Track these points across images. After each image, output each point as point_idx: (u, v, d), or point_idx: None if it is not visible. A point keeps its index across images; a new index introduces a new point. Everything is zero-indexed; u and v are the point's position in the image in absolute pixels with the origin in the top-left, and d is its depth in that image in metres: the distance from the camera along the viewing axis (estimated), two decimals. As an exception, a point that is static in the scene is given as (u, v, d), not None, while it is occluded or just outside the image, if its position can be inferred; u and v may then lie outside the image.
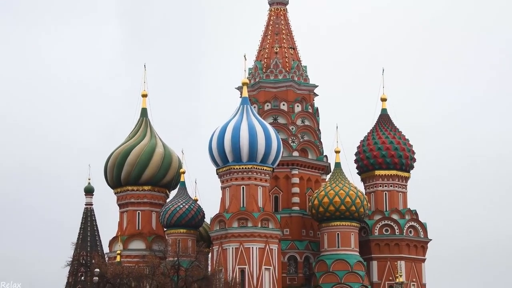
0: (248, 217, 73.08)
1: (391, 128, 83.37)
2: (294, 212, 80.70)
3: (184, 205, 79.03)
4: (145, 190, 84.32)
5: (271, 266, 72.60)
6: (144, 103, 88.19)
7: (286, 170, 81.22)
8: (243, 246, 72.16)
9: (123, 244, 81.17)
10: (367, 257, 78.22)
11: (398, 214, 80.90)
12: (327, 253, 76.59)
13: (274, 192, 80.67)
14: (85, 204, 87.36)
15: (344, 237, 76.67)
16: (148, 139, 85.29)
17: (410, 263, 79.23)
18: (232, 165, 73.84)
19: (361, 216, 77.70)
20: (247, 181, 74.10)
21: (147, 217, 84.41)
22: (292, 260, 79.68)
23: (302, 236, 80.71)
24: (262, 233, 72.86)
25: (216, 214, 75.18)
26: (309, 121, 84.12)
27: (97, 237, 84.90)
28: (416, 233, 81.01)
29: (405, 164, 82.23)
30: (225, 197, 75.20)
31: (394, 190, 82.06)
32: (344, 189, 76.62)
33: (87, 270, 67.55)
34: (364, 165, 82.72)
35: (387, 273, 77.97)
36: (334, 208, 75.85)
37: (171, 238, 78.28)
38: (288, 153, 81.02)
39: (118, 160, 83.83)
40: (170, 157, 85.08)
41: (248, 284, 71.57)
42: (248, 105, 76.24)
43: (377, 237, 79.71)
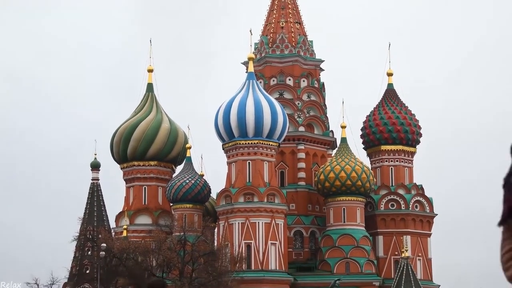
0: (254, 192, 73.20)
1: (397, 103, 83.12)
2: (300, 187, 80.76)
3: (190, 180, 79.13)
4: (151, 165, 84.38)
5: (277, 241, 72.81)
6: (150, 78, 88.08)
7: (292, 145, 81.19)
8: (249, 221, 72.34)
9: (130, 219, 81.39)
10: (373, 232, 78.33)
11: (404, 189, 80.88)
12: (333, 228, 76.73)
13: (280, 167, 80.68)
14: (92, 179, 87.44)
15: (350, 212, 76.79)
16: (154, 114, 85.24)
17: (416, 238, 79.30)
18: (238, 140, 73.85)
19: (367, 191, 77.74)
20: (253, 156, 74.15)
21: (153, 192, 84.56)
22: (298, 235, 79.84)
23: (308, 211, 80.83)
24: (268, 208, 73.02)
25: (222, 189, 75.33)
26: (315, 96, 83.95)
27: (103, 212, 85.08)
28: (422, 208, 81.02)
29: (411, 139, 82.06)
30: (231, 172, 75.29)
31: (400, 165, 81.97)
32: (350, 164, 76.62)
33: (94, 245, 67.76)
34: (370, 140, 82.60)
35: (392, 248, 78.08)
36: (340, 183, 75.88)
37: (177, 213, 78.47)
38: (294, 128, 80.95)
39: (124, 135, 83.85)
40: (176, 132, 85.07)
41: (254, 258, 71.83)
42: (254, 80, 76.11)
43: (383, 212, 79.79)
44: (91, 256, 71.20)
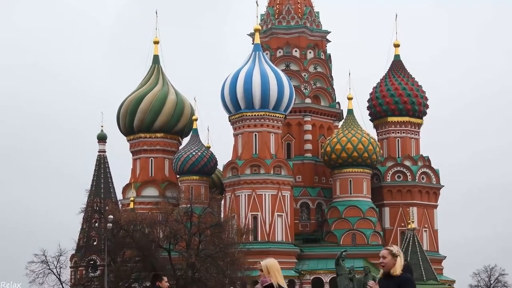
0: (261, 164, 73.23)
1: (404, 74, 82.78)
2: (307, 159, 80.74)
3: (197, 152, 79.16)
4: (158, 137, 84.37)
5: (283, 212, 72.95)
6: (156, 50, 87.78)
7: (298, 117, 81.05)
8: (255, 193, 72.45)
9: (136, 191, 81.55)
10: (379, 204, 78.41)
11: (410, 160, 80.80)
12: (340, 200, 76.82)
13: (287, 139, 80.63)
14: (98, 151, 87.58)
15: (357, 183, 76.82)
16: (161, 86, 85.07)
17: (422, 209, 79.36)
18: (244, 112, 73.76)
19: (374, 163, 77.70)
20: (259, 128, 74.09)
21: (160, 164, 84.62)
22: (304, 207, 79.97)
23: (315, 182, 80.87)
24: (274, 180, 73.09)
25: (228, 161, 75.37)
26: (321, 68, 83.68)
27: (110, 184, 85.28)
28: (428, 180, 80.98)
29: (418, 110, 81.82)
30: (238, 144, 75.29)
31: (406, 136, 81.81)
32: (357, 136, 76.52)
33: (101, 216, 67.92)
34: (377, 111, 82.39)
35: (399, 219, 78.20)
36: (347, 155, 75.84)
37: (184, 185, 78.58)
38: (300, 100, 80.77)
39: (130, 107, 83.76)
40: (182, 104, 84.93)
41: (261, 230, 72.02)
42: (260, 51, 75.83)
43: (390, 184, 79.78)
44: (98, 228, 71.41)
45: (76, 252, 71.63)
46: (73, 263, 71.98)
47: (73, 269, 71.69)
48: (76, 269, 71.55)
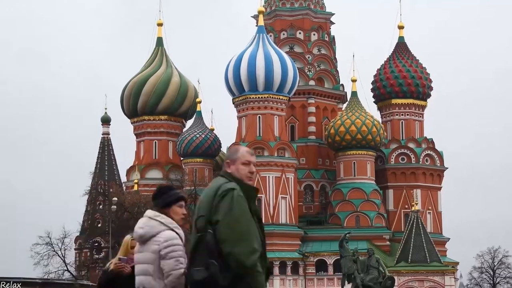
0: (264, 146, 73.25)
1: (408, 56, 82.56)
2: (310, 141, 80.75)
3: (201, 134, 79.21)
4: (162, 120, 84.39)
5: (287, 194, 73.06)
6: (159, 32, 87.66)
7: (302, 99, 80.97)
8: (259, 175, 72.45)
9: (140, 173, 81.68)
10: (383, 186, 78.44)
11: (414, 142, 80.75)
12: (343, 182, 76.87)
13: (290, 121, 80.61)
14: (102, 133, 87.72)
15: (360, 165, 76.84)
16: (164, 69, 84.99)
17: (426, 192, 79.36)
18: (248, 95, 73.71)
19: (377, 145, 77.67)
20: (263, 110, 74.07)
21: (163, 146, 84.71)
22: (308, 189, 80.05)
23: (318, 165, 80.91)
24: (278, 162, 73.15)
25: (232, 144, 75.38)
26: (325, 50, 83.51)
27: (114, 166, 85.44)
28: (432, 162, 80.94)
29: (422, 92, 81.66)
30: (241, 127, 75.30)
31: (410, 118, 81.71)
32: (361, 118, 76.46)
33: (105, 199, 68.05)
34: (381, 93, 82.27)
35: (403, 202, 78.23)
36: (351, 137, 75.81)
37: (188, 167, 78.70)
38: (304, 82, 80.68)
39: (134, 90, 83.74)
40: (186, 86, 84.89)
41: (265, 212, 72.13)
42: (264, 33, 75.67)
43: (393, 166, 79.77)
44: (102, 210, 71.57)
45: (81, 234, 71.87)
46: (77, 245, 72.23)
47: (77, 251, 71.95)
48: (80, 251, 71.81)
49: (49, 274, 55.62)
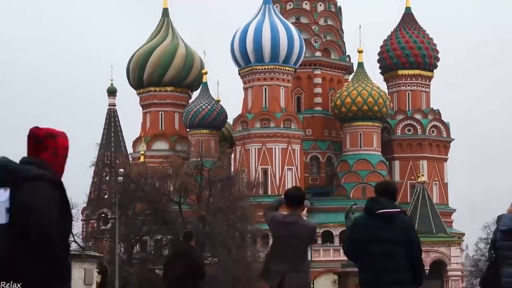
0: (271, 117, 73.19)
1: (415, 27, 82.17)
2: (317, 113, 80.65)
3: (207, 105, 79.12)
4: (168, 91, 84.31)
5: (293, 166, 73.10)
6: (165, 3, 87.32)
7: (308, 70, 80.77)
8: (265, 147, 72.53)
9: (147, 144, 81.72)
10: (389, 157, 78.43)
11: (420, 113, 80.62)
12: (350, 153, 76.87)
13: (297, 92, 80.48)
14: (108, 105, 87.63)
15: (367, 137, 76.79)
16: (170, 40, 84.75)
17: (432, 163, 79.36)
18: (254, 66, 73.55)
19: (384, 116, 77.57)
20: (269, 81, 73.94)
21: (170, 118, 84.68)
22: (314, 160, 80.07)
23: (325, 136, 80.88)
24: (284, 134, 73.14)
25: (238, 115, 75.38)
26: (332, 21, 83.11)
27: (120, 138, 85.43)
28: (438, 133, 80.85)
29: (429, 63, 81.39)
30: (248, 98, 75.20)
31: (417, 89, 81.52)
32: (367, 89, 76.30)
33: (112, 170, 68.02)
34: (387, 64, 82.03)
35: (409, 173, 78.26)
36: (357, 108, 75.70)
37: (194, 138, 78.69)
38: (310, 53, 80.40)
39: (140, 61, 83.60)
40: (192, 57, 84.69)
41: (271, 184, 72.26)
42: (270, 4, 75.32)
43: (400, 137, 79.73)
44: (109, 182, 71.60)
45: (87, 205, 71.99)
46: (84, 216, 72.38)
47: (84, 222, 72.12)
48: (87, 222, 71.95)
49: (56, 245, 55.77)
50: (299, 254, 9.05)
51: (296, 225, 8.96)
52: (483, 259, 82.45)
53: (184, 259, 12.25)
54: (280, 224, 9.03)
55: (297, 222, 9.01)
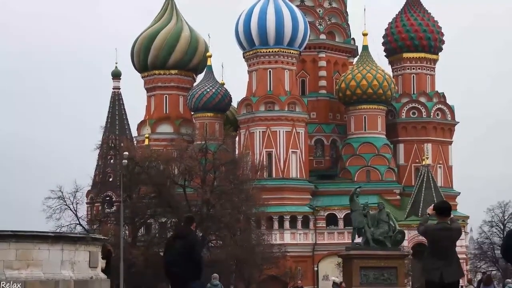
0: (275, 100, 73.16)
1: (420, 9, 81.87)
2: (321, 96, 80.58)
3: (211, 89, 79.05)
4: (172, 74, 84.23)
5: (298, 149, 73.14)
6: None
7: (313, 53, 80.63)
8: (270, 130, 72.54)
9: (151, 128, 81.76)
10: (394, 140, 78.38)
11: (425, 96, 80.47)
12: (354, 136, 76.83)
13: (301, 75, 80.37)
14: (113, 88, 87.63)
15: (371, 120, 76.72)
16: (174, 23, 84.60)
17: (437, 146, 79.30)
18: (258, 49, 73.43)
19: (388, 99, 77.47)
20: (274, 64, 73.84)
21: (174, 101, 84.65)
22: (319, 143, 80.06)
23: (329, 119, 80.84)
24: (289, 117, 73.11)
25: (243, 98, 75.34)
26: (336, 3, 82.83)
27: (125, 121, 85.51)
28: (443, 116, 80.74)
29: (434, 46, 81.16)
30: (252, 81, 75.14)
31: (422, 72, 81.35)
32: (372, 72, 76.15)
33: (116, 153, 68.08)
34: (392, 47, 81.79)
35: (413, 156, 78.20)
36: (361, 91, 75.59)
37: (199, 121, 78.72)
38: (315, 36, 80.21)
39: (144, 44, 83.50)
40: (196, 40, 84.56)
41: (276, 167, 72.33)
42: (275, -13, 75.02)
43: (404, 120, 79.63)
44: (113, 165, 71.69)
45: (92, 188, 72.12)
46: (89, 199, 72.54)
47: (89, 205, 72.28)
48: (92, 205, 72.14)
49: (61, 228, 55.90)
50: (451, 252, 11.40)
51: (448, 230, 11.41)
52: (487, 242, 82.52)
53: (181, 242, 12.28)
54: (435, 231, 11.40)
55: (449, 227, 11.42)
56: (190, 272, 12.24)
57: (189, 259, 12.22)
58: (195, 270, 12.31)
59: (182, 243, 12.28)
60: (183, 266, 12.15)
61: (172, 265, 12.30)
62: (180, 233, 12.81)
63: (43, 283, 18.19)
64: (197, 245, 12.47)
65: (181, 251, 12.20)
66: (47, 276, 18.35)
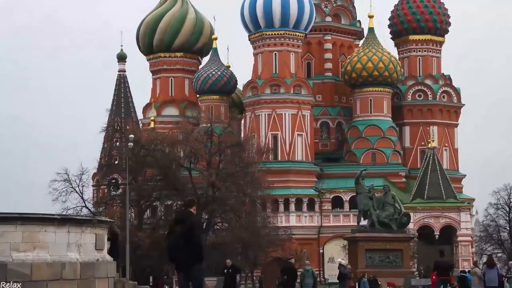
0: (281, 83, 73.05)
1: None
2: (327, 78, 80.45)
3: (217, 71, 78.93)
4: (178, 57, 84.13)
5: (303, 132, 73.10)
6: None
7: (318, 35, 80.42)
8: (275, 112, 72.49)
9: (157, 110, 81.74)
10: (399, 123, 78.28)
11: (431, 79, 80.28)
12: (360, 119, 76.75)
13: (307, 58, 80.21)
14: (118, 71, 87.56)
15: (377, 102, 76.61)
16: (180, 5, 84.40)
17: (443, 128, 79.20)
18: (264, 31, 73.28)
19: (394, 82, 77.33)
20: (279, 47, 73.68)
21: (180, 83, 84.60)
22: (324, 126, 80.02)
23: (335, 102, 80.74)
24: (294, 99, 73.04)
25: (248, 81, 75.27)
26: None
27: (130, 103, 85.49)
28: (449, 98, 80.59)
29: (440, 28, 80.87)
30: (258, 64, 75.02)
31: (428, 55, 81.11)
32: (377, 55, 75.96)
33: (122, 136, 68.10)
34: (398, 30, 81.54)
35: (419, 139, 78.14)
36: (367, 74, 75.45)
37: (204, 104, 78.67)
38: (320, 18, 79.99)
39: (150, 27, 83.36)
40: (201, 23, 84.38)
41: (281, 149, 72.33)
42: (280, -32, 74.74)
43: (410, 103, 79.50)
44: (119, 147, 71.73)
45: (98, 171, 72.22)
46: (95, 181, 72.62)
47: (95, 188, 72.38)
48: (98, 188, 72.21)
49: (67, 210, 56.03)
50: None
51: None
52: (493, 224, 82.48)
53: (181, 226, 12.30)
54: None
55: None
56: (191, 256, 12.24)
57: (189, 242, 12.20)
58: (196, 253, 12.31)
59: (182, 227, 12.27)
60: (184, 250, 12.15)
61: (173, 249, 12.31)
62: (180, 217, 12.82)
63: (50, 265, 18.25)
64: (196, 228, 12.45)
65: (181, 235, 12.19)
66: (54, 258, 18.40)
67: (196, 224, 12.65)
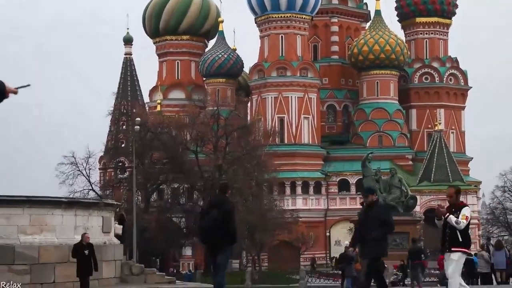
0: (287, 66, 72.90)
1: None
2: (333, 61, 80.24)
3: (223, 54, 78.79)
4: (184, 40, 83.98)
5: (310, 115, 73.01)
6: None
7: (325, 18, 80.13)
8: (282, 95, 72.38)
9: (163, 93, 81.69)
10: (406, 106, 78.12)
11: (438, 62, 80.00)
12: (366, 102, 76.61)
13: (313, 41, 79.97)
14: (125, 54, 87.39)
15: (384, 85, 76.43)
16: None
17: (450, 111, 79.01)
18: (270, 14, 73.05)
19: (401, 64, 77.09)
20: (286, 30, 73.48)
21: (186, 66, 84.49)
22: (331, 109, 79.91)
23: (341, 85, 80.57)
24: (301, 82, 72.90)
25: (255, 64, 75.11)
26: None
27: (137, 87, 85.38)
28: (456, 81, 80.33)
29: (447, 10, 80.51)
30: (264, 47, 74.85)
31: (435, 37, 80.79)
32: (384, 37, 75.70)
33: (128, 119, 68.13)
34: (405, 12, 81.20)
35: (426, 121, 78.00)
36: (374, 57, 75.22)
37: (210, 87, 78.58)
38: (327, 0, 79.70)
39: (156, 9, 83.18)
40: (208, 6, 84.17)
41: (288, 132, 72.28)
42: (287, -49, 74.45)
43: (417, 85, 79.29)
44: (125, 130, 71.78)
45: (105, 154, 72.33)
46: (101, 165, 72.73)
47: (102, 171, 72.52)
48: (105, 171, 72.34)
49: (74, 193, 56.19)
50: None
51: None
52: (500, 207, 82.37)
53: (217, 210, 12.47)
54: None
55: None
56: (226, 239, 12.54)
57: (225, 226, 12.44)
58: (230, 236, 12.62)
59: (217, 211, 12.45)
60: (218, 232, 12.39)
61: (208, 232, 12.52)
62: (216, 201, 12.97)
63: (57, 248, 18.32)
64: (232, 213, 12.71)
65: (217, 218, 12.37)
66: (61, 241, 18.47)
67: (233, 209, 12.94)
